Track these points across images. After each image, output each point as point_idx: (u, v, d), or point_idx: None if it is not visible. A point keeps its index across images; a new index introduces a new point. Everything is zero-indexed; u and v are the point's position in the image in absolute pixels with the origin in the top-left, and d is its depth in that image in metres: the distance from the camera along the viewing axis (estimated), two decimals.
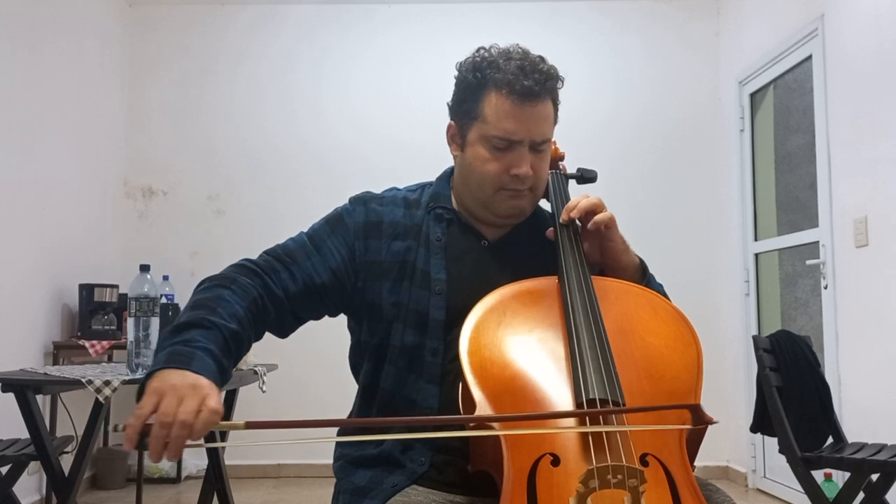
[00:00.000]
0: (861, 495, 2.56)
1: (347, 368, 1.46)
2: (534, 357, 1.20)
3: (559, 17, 4.88)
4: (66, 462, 2.38)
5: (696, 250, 4.73)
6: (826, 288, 3.61)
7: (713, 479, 4.18)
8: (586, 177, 1.57)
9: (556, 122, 1.37)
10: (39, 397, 2.54)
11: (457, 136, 1.40)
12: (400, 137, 4.70)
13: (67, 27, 4.13)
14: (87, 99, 4.37)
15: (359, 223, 1.38)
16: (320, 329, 1.65)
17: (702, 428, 1.08)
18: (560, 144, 1.53)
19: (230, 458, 3.33)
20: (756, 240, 4.42)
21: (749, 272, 4.43)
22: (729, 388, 4.42)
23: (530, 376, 1.16)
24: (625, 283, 1.34)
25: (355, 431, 1.35)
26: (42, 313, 3.86)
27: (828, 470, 2.90)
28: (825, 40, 3.65)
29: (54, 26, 3.97)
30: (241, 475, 4.41)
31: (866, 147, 3.33)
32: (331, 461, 1.39)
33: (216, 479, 2.78)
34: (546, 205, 1.49)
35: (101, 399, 2.21)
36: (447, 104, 1.42)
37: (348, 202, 1.43)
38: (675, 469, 1.05)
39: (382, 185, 1.53)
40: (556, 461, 1.04)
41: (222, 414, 1.01)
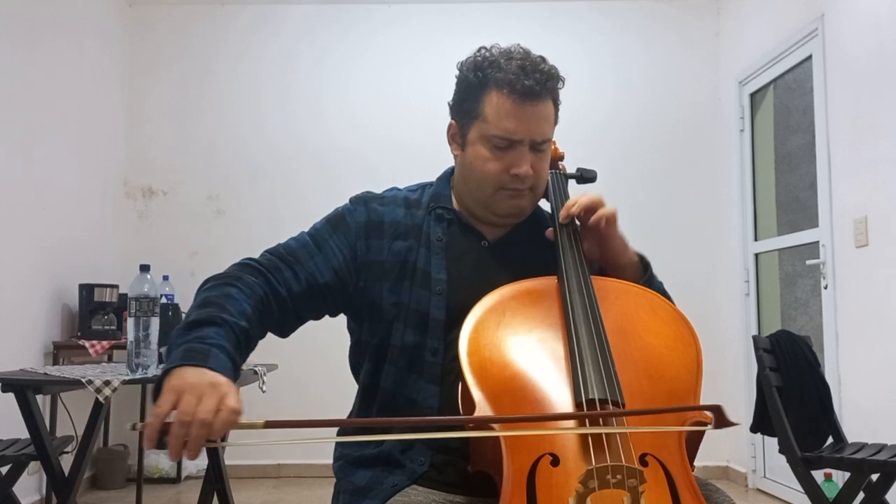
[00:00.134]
0: (861, 495, 2.56)
1: (347, 368, 1.45)
2: (533, 357, 1.19)
3: (559, 17, 4.88)
4: (66, 462, 2.38)
5: (695, 250, 4.73)
6: (826, 288, 3.61)
7: (713, 479, 4.18)
8: (586, 177, 1.57)
9: (556, 123, 1.37)
10: (39, 397, 2.54)
11: (457, 136, 1.40)
12: (400, 137, 4.70)
13: (67, 27, 4.13)
14: (87, 99, 4.37)
15: (360, 223, 1.38)
16: (320, 329, 1.65)
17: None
18: (560, 144, 1.53)
19: (230, 458, 3.33)
20: (756, 240, 4.42)
21: (749, 272, 4.43)
22: (729, 388, 4.42)
23: (530, 376, 1.16)
24: (625, 283, 1.34)
25: (355, 431, 1.35)
26: (42, 313, 3.86)
27: (828, 470, 2.90)
28: (825, 40, 3.65)
29: (54, 26, 3.97)
30: (241, 475, 4.41)
31: (866, 147, 3.33)
32: (331, 461, 1.39)
33: (216, 479, 2.77)
34: (546, 205, 1.49)
35: (101, 399, 2.21)
36: (448, 103, 1.42)
37: (349, 202, 1.43)
38: (674, 469, 1.05)
39: (382, 185, 1.53)
40: (555, 461, 1.04)
41: (242, 413, 0.99)
